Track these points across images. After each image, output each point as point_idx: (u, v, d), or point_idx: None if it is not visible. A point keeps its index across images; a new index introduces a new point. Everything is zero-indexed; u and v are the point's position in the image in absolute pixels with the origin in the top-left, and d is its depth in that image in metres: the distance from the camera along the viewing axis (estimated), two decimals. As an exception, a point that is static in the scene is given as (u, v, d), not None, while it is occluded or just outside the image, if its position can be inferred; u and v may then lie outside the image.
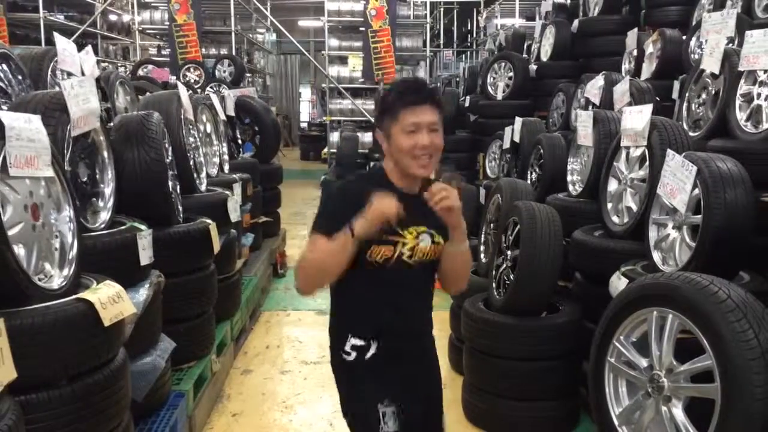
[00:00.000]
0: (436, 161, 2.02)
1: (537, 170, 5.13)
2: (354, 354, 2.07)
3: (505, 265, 3.71)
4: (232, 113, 6.64)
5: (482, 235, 4.60)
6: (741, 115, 3.48)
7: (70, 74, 3.56)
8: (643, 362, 2.37)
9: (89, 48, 4.04)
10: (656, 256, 3.12)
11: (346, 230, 1.89)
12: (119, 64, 15.23)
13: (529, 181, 5.10)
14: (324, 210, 2.05)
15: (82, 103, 2.72)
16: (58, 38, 3.65)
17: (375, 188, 1.96)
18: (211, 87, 9.86)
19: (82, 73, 3.63)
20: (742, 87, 3.52)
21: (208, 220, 3.73)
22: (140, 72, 10.52)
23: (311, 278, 1.99)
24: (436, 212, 1.96)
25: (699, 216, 2.83)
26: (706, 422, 2.04)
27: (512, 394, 3.44)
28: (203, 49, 13.23)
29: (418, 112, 1.96)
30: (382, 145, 2.05)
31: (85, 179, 2.91)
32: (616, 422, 2.44)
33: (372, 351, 2.06)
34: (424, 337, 2.22)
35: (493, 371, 3.48)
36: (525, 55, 8.88)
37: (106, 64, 13.85)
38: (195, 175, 4.23)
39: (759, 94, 3.42)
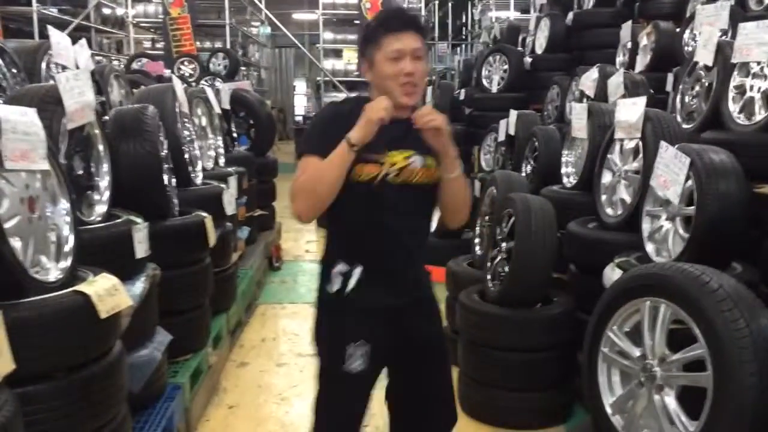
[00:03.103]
0: (420, 90, 2.00)
1: (532, 163, 5.14)
2: (338, 282, 2.06)
3: (500, 257, 3.73)
4: (227, 106, 6.63)
5: (477, 228, 4.62)
6: (734, 107, 3.50)
7: (64, 67, 3.55)
8: (636, 352, 2.39)
9: (83, 41, 4.02)
10: (650, 248, 3.14)
11: (342, 142, 1.89)
12: (113, 58, 15.17)
13: (523, 174, 5.11)
14: (312, 131, 2.05)
15: (78, 96, 2.72)
16: (53, 31, 3.64)
17: (359, 113, 1.95)
18: (205, 80, 9.85)
19: (77, 67, 3.62)
20: (736, 79, 3.54)
21: (204, 214, 3.73)
22: (134, 65, 10.48)
23: (310, 198, 1.95)
24: (423, 137, 1.95)
25: (692, 207, 2.85)
26: (699, 410, 2.06)
27: (507, 385, 3.47)
28: (198, 43, 13.21)
29: (402, 39, 1.94)
30: (366, 75, 2.04)
31: (80, 172, 2.91)
32: (609, 411, 2.46)
33: (355, 277, 2.04)
34: (414, 267, 2.18)
35: (487, 362, 3.50)
36: (520, 48, 8.88)
37: (100, 57, 13.79)
38: (190, 169, 4.23)
39: (752, 86, 3.43)
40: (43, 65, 3.55)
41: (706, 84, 3.88)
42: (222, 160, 5.50)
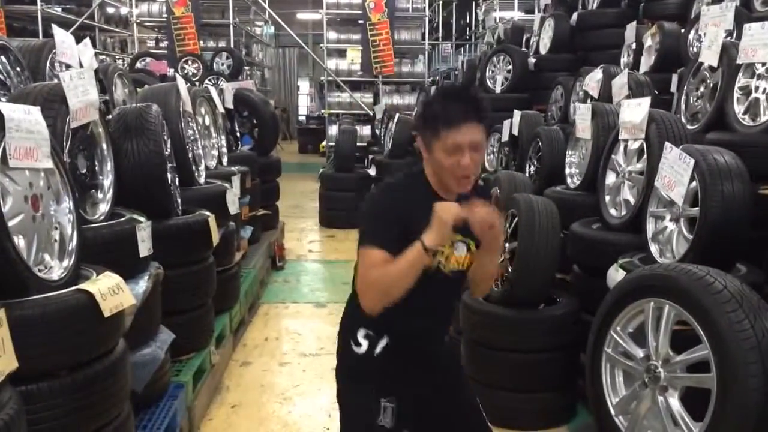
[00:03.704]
0: (475, 178, 1.94)
1: (535, 163, 5.14)
2: (365, 345, 2.03)
3: (503, 258, 3.72)
4: (230, 106, 6.64)
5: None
6: (739, 108, 3.49)
7: (68, 66, 3.55)
8: (640, 353, 2.39)
9: (87, 40, 4.03)
10: (654, 248, 3.13)
11: (417, 245, 1.82)
12: (117, 57, 15.19)
13: (527, 174, 5.10)
14: (371, 219, 1.97)
15: (81, 95, 2.72)
16: (57, 30, 3.64)
17: (417, 193, 1.93)
18: (209, 80, 9.86)
19: (81, 66, 3.63)
20: (740, 80, 3.53)
21: (207, 213, 3.73)
22: (138, 65, 10.50)
23: (384, 298, 1.88)
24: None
25: (696, 208, 2.84)
26: (703, 412, 2.06)
27: (510, 386, 3.46)
28: (201, 42, 13.18)
29: (462, 132, 1.84)
30: (422, 151, 1.96)
31: (84, 171, 2.91)
32: (612, 412, 2.46)
33: (382, 344, 2.02)
34: (440, 345, 2.16)
35: (491, 363, 3.49)
36: (524, 49, 8.87)
37: (104, 56, 13.81)
38: (194, 168, 4.23)
39: (757, 87, 3.43)
40: (48, 64, 3.56)
41: (711, 85, 3.87)
42: (225, 160, 5.51)
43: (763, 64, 3.40)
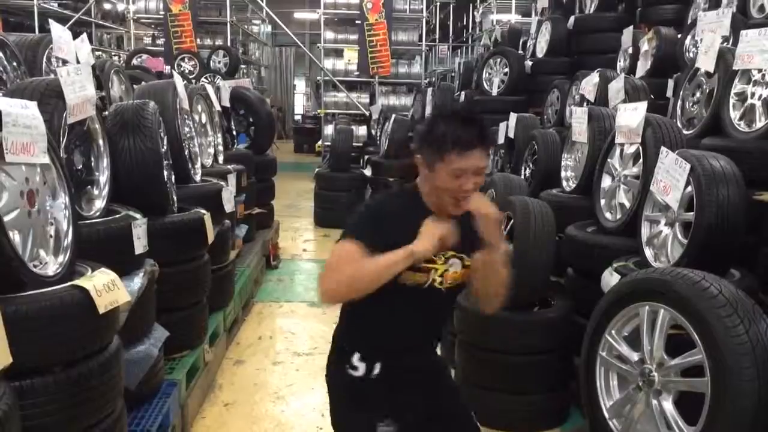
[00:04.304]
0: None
1: (531, 166, 5.15)
2: (362, 368, 2.01)
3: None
4: (227, 104, 6.63)
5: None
6: (735, 114, 3.51)
7: (65, 62, 3.54)
8: (635, 356, 2.39)
9: (84, 36, 4.02)
10: (648, 253, 3.14)
11: (405, 249, 1.82)
12: (113, 53, 15.15)
13: (522, 177, 5.11)
14: (363, 219, 1.96)
15: (79, 91, 2.71)
16: (54, 25, 3.64)
17: (411, 210, 1.93)
18: (206, 78, 9.84)
19: (77, 61, 3.62)
20: (737, 86, 3.55)
21: (203, 211, 3.73)
22: (134, 61, 10.46)
23: (348, 288, 1.86)
24: (469, 233, 1.90)
25: (691, 213, 2.85)
26: (696, 416, 2.06)
27: (504, 388, 3.46)
28: (198, 40, 13.16)
29: (468, 158, 1.85)
30: (422, 169, 1.94)
31: (80, 167, 2.91)
32: (606, 415, 2.46)
33: (378, 367, 2.01)
34: (429, 357, 2.20)
35: (484, 365, 3.50)
36: (520, 51, 8.89)
37: (100, 52, 13.76)
38: (190, 165, 4.22)
39: (753, 94, 3.44)
40: (44, 59, 3.54)
41: (707, 90, 3.89)
42: (221, 158, 5.50)
43: (760, 71, 3.41)
